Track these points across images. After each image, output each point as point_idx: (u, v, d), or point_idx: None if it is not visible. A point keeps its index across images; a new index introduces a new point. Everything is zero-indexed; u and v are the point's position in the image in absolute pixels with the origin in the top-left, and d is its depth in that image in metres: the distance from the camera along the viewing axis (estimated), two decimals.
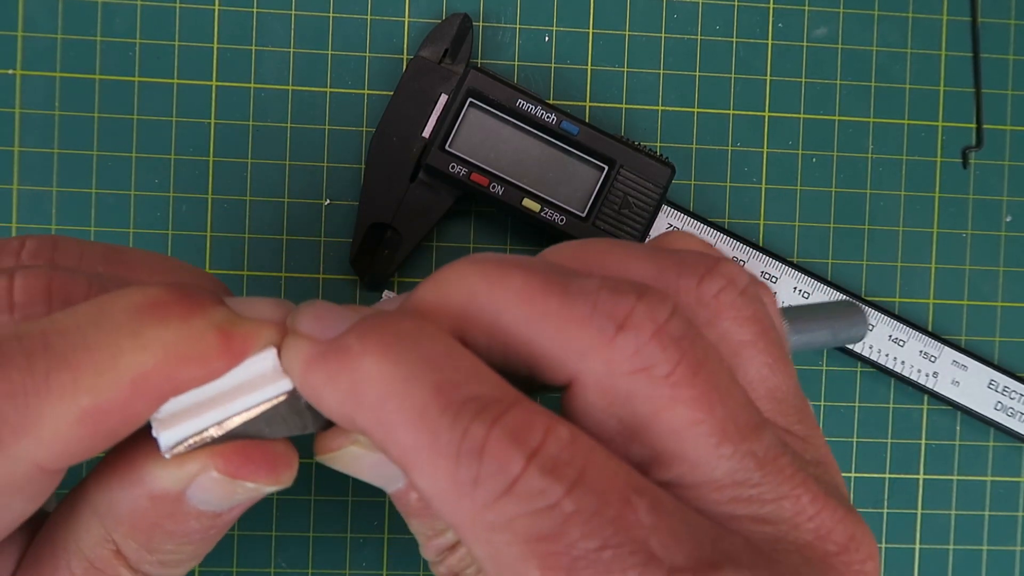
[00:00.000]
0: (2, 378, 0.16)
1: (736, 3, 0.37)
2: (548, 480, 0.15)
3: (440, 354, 0.16)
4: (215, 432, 0.18)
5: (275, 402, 0.18)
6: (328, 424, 0.19)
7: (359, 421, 0.17)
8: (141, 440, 0.18)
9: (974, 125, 0.38)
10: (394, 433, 0.16)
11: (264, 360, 0.18)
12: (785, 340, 0.19)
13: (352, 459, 0.19)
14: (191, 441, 0.18)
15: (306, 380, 0.17)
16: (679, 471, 0.17)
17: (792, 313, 0.24)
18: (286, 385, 0.18)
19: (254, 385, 0.18)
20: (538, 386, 0.18)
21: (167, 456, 0.18)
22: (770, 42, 0.37)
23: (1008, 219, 0.38)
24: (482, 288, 0.17)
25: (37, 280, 0.18)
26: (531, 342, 0.17)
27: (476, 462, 0.15)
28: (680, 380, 0.16)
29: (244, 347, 0.18)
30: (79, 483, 0.19)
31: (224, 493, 0.18)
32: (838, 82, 0.37)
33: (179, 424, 0.17)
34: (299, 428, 0.19)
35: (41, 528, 0.20)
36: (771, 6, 0.37)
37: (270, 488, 0.18)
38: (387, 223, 0.34)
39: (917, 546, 0.37)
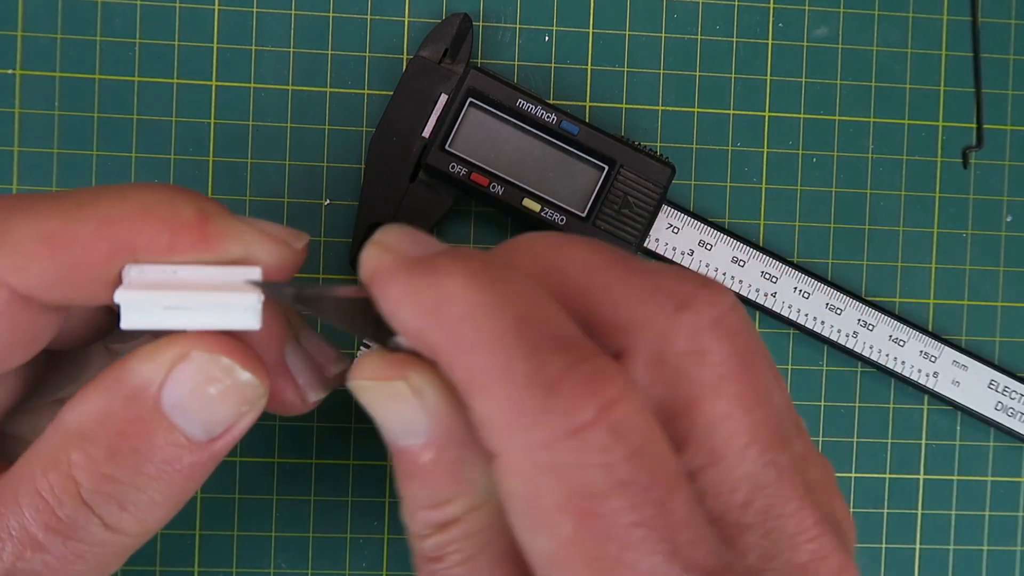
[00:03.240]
0: None
1: (736, 3, 0.37)
2: (613, 439, 0.15)
3: (527, 293, 0.16)
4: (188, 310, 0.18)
5: (354, 298, 0.18)
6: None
7: (431, 337, 0.16)
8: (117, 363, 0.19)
9: (974, 125, 0.38)
10: (466, 353, 0.16)
11: (248, 272, 0.18)
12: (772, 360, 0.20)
13: (389, 396, 0.18)
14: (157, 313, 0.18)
15: (386, 290, 0.17)
16: (702, 461, 0.17)
17: None
18: (255, 300, 0.18)
19: (227, 288, 0.18)
20: None
21: (123, 325, 0.18)
22: (770, 42, 0.37)
23: (1008, 219, 0.38)
24: (549, 253, 0.17)
25: None
26: (590, 309, 0.17)
27: (546, 396, 0.15)
28: (728, 373, 0.16)
29: (218, 235, 0.18)
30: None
31: (200, 400, 0.18)
32: (838, 82, 0.37)
33: (143, 291, 0.18)
34: (357, 331, 0.19)
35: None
36: (771, 6, 0.37)
37: (248, 379, 0.18)
38: (387, 223, 0.34)
39: (917, 546, 0.37)
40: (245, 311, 0.18)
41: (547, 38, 0.36)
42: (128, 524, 0.19)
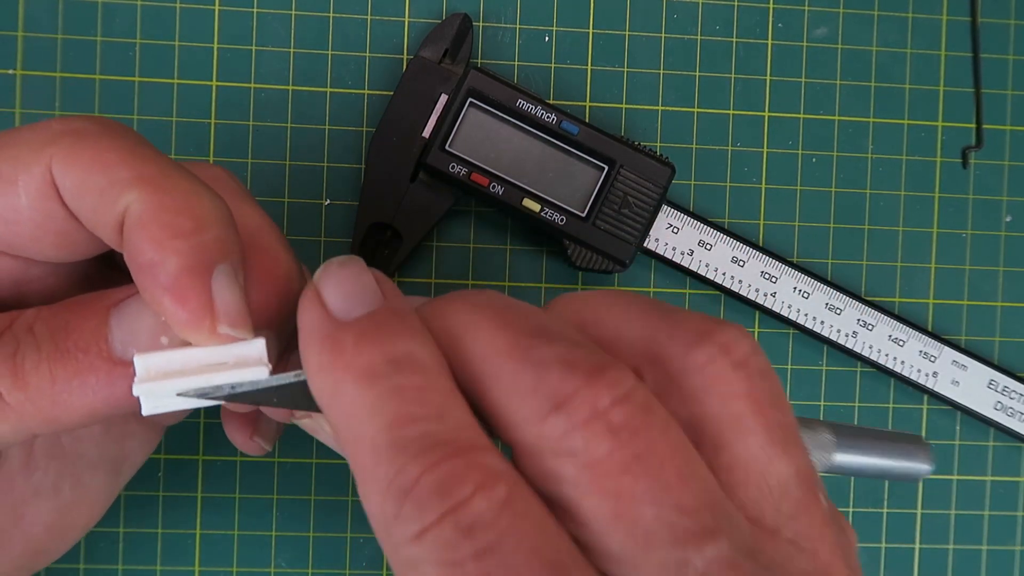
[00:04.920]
0: None
1: (736, 3, 0.37)
2: (459, 538, 0.15)
3: (415, 386, 0.17)
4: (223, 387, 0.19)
5: (292, 381, 0.19)
6: None
7: (328, 417, 0.18)
8: None
9: (974, 125, 0.38)
10: (349, 445, 0.17)
11: (253, 347, 0.19)
12: (795, 426, 0.18)
13: (319, 427, 0.20)
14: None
15: (305, 350, 0.18)
16: (607, 566, 0.16)
17: (844, 431, 0.22)
18: (263, 374, 0.19)
19: (237, 364, 0.19)
20: None
21: (144, 412, 0.19)
22: (770, 42, 0.37)
23: (1008, 219, 0.38)
24: (458, 331, 0.18)
25: None
26: (482, 397, 0.17)
27: (400, 501, 0.15)
28: (607, 472, 0.15)
29: (223, 332, 0.19)
30: None
31: (139, 317, 0.20)
32: (838, 82, 0.37)
33: (157, 382, 0.19)
34: (307, 407, 0.19)
35: None
36: (771, 6, 0.37)
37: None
38: (387, 223, 0.34)
39: (917, 546, 0.37)
40: (255, 373, 0.19)
41: (547, 38, 0.36)
42: (14, 389, 0.19)
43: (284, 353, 0.22)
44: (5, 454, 0.23)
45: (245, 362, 0.19)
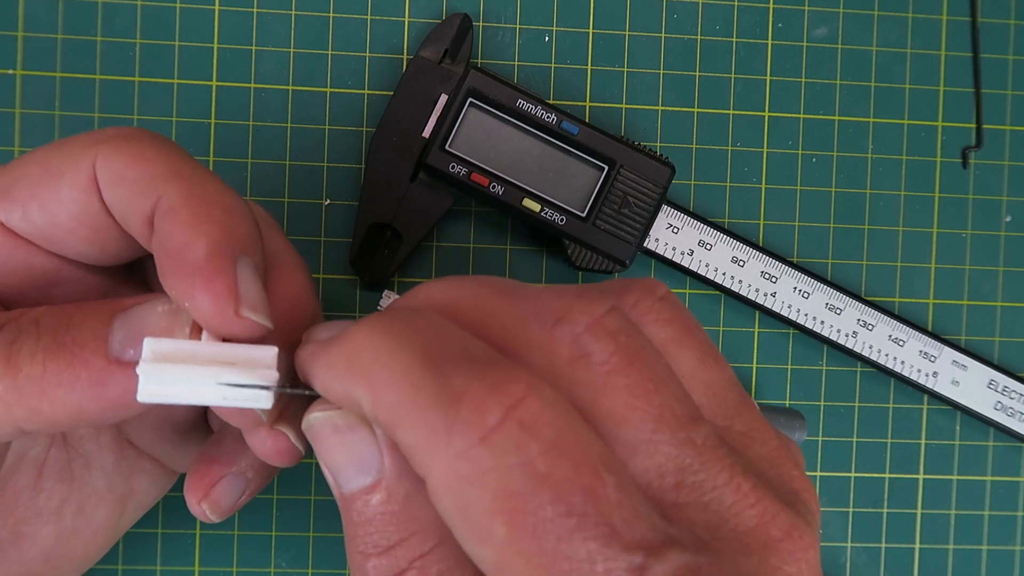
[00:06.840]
0: None
1: (736, 3, 0.37)
2: (525, 436, 0.15)
3: (429, 325, 0.17)
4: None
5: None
6: None
7: (354, 391, 0.17)
8: None
9: (974, 125, 0.38)
10: (382, 393, 0.17)
11: (265, 352, 0.19)
12: (715, 345, 0.20)
13: (343, 427, 0.19)
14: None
15: (313, 372, 0.18)
16: (622, 455, 0.17)
17: None
18: (270, 378, 0.19)
19: (246, 365, 0.19)
20: None
21: (139, 397, 0.18)
22: (770, 42, 0.37)
23: (1008, 219, 0.38)
24: (440, 296, 0.19)
25: None
26: (485, 339, 0.18)
27: (453, 409, 0.16)
28: (615, 368, 0.17)
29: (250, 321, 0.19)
30: None
31: (145, 316, 0.20)
32: (838, 82, 0.37)
33: (163, 364, 0.19)
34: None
35: None
36: (771, 6, 0.37)
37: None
38: (387, 223, 0.34)
39: (917, 546, 0.37)
40: (259, 393, 0.19)
41: (547, 38, 0.36)
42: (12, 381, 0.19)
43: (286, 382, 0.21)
44: (14, 471, 0.23)
45: (254, 364, 0.19)
